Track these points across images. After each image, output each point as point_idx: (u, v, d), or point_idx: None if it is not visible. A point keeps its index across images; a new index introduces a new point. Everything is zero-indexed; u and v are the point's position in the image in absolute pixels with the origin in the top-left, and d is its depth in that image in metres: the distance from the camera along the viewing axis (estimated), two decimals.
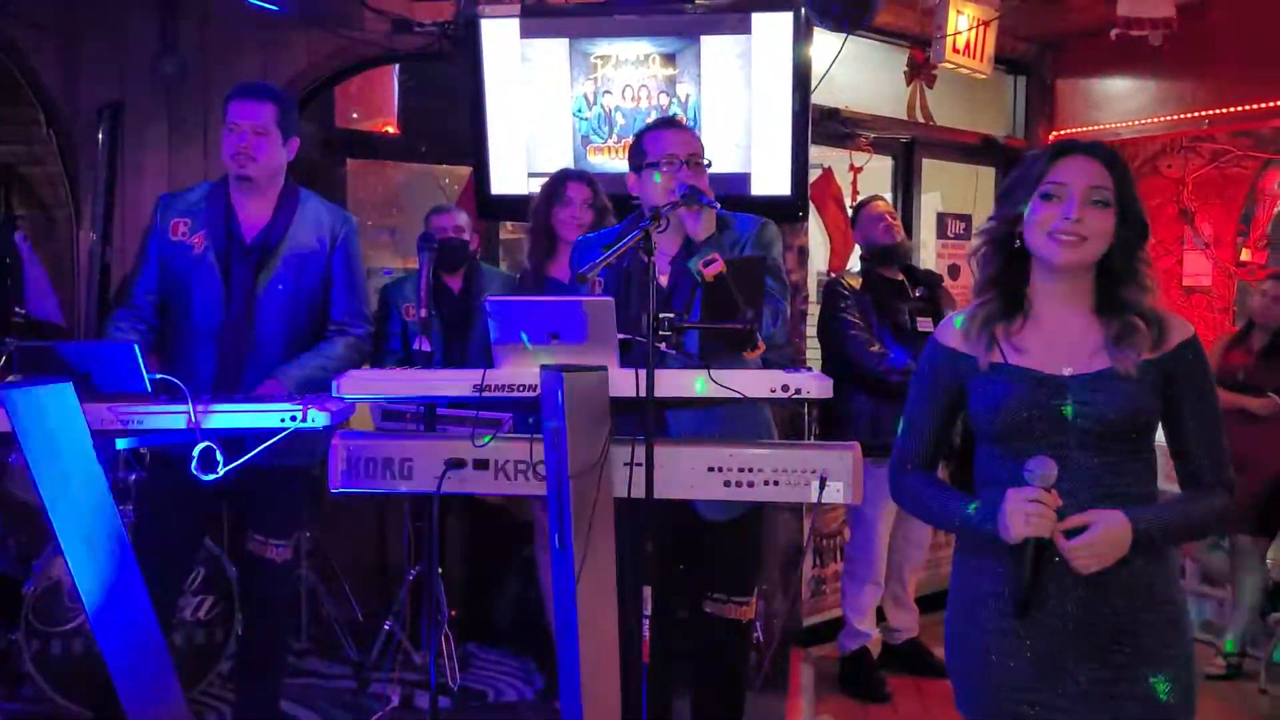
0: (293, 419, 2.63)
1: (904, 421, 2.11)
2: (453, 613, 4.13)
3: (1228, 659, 4.42)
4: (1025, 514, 1.79)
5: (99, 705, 3.01)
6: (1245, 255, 6.13)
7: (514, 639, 4.46)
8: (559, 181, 3.76)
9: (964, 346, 1.97)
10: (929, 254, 5.66)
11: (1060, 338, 1.90)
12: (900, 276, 4.31)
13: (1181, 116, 5.27)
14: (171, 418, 2.61)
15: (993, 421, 1.91)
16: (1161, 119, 5.36)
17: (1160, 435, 1.93)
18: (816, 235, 4.96)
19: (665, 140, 2.84)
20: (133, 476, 3.63)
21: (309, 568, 4.31)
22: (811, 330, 4.57)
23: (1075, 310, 1.91)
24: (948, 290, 4.49)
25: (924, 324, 4.17)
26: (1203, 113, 5.19)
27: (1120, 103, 5.56)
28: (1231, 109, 5.05)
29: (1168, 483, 1.96)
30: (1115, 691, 1.86)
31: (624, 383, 2.28)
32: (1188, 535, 2.00)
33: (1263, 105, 4.95)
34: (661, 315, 2.25)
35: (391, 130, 5.70)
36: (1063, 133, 5.69)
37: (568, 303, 2.36)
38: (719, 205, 2.67)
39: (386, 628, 4.11)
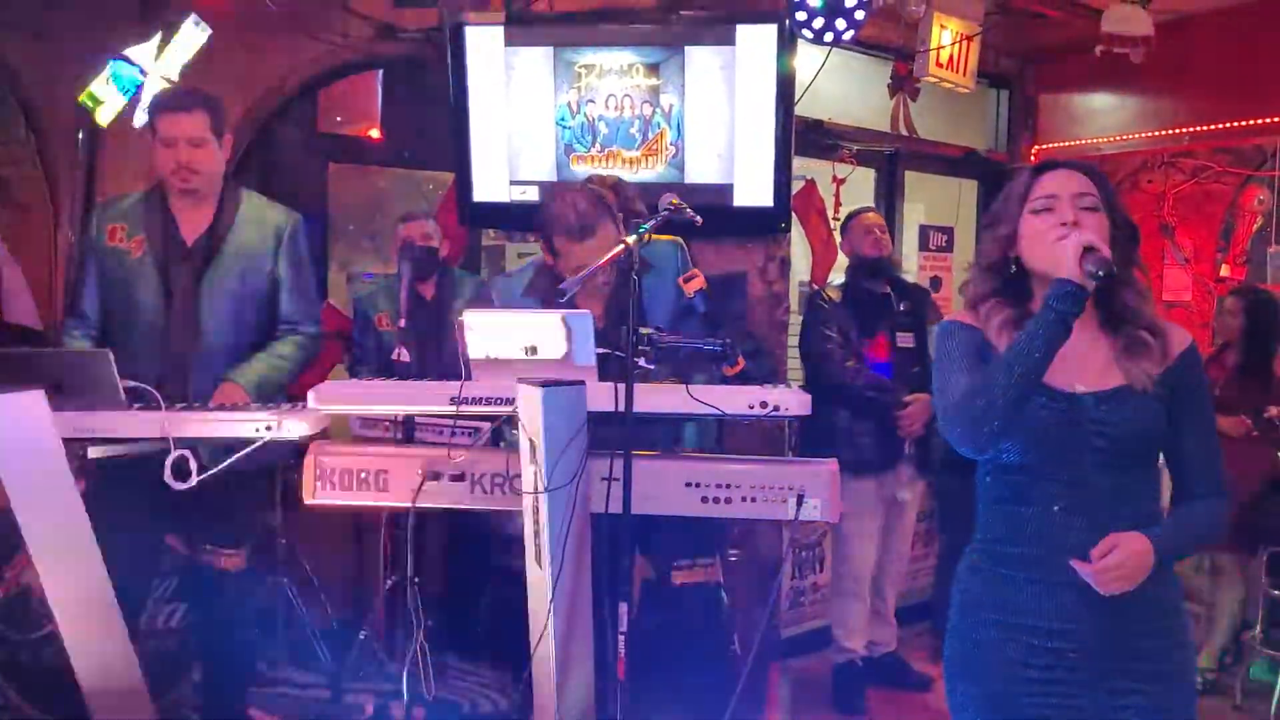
0: (268, 429, 2.61)
1: (941, 377, 1.95)
2: (429, 623, 4.10)
3: (1204, 675, 4.42)
4: (1075, 239, 1.79)
5: (68, 714, 2.97)
6: (1225, 271, 6.18)
7: (491, 650, 4.42)
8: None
9: (985, 332, 1.95)
10: (911, 266, 5.67)
11: (1069, 353, 1.84)
12: (886, 289, 4.26)
13: (1162, 133, 5.30)
14: (144, 426, 2.57)
15: (1018, 439, 1.87)
16: (1142, 135, 5.38)
17: None
18: (799, 246, 4.96)
19: None
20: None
21: (283, 575, 4.27)
22: (794, 341, 4.56)
23: (1080, 325, 1.85)
24: (936, 304, 4.47)
25: (904, 339, 4.15)
26: (1183, 129, 5.22)
27: (1102, 118, 5.59)
28: (1211, 126, 5.08)
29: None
30: (1122, 715, 1.85)
31: (603, 397, 2.26)
32: (1196, 546, 2.02)
33: (1242, 123, 4.98)
34: (641, 330, 2.24)
35: (375, 136, 5.67)
36: (1045, 147, 5.71)
37: (547, 316, 2.34)
38: (699, 220, 2.65)
39: (362, 637, 4.07)
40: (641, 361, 2.27)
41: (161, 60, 4.05)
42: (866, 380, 4.05)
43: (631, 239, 2.32)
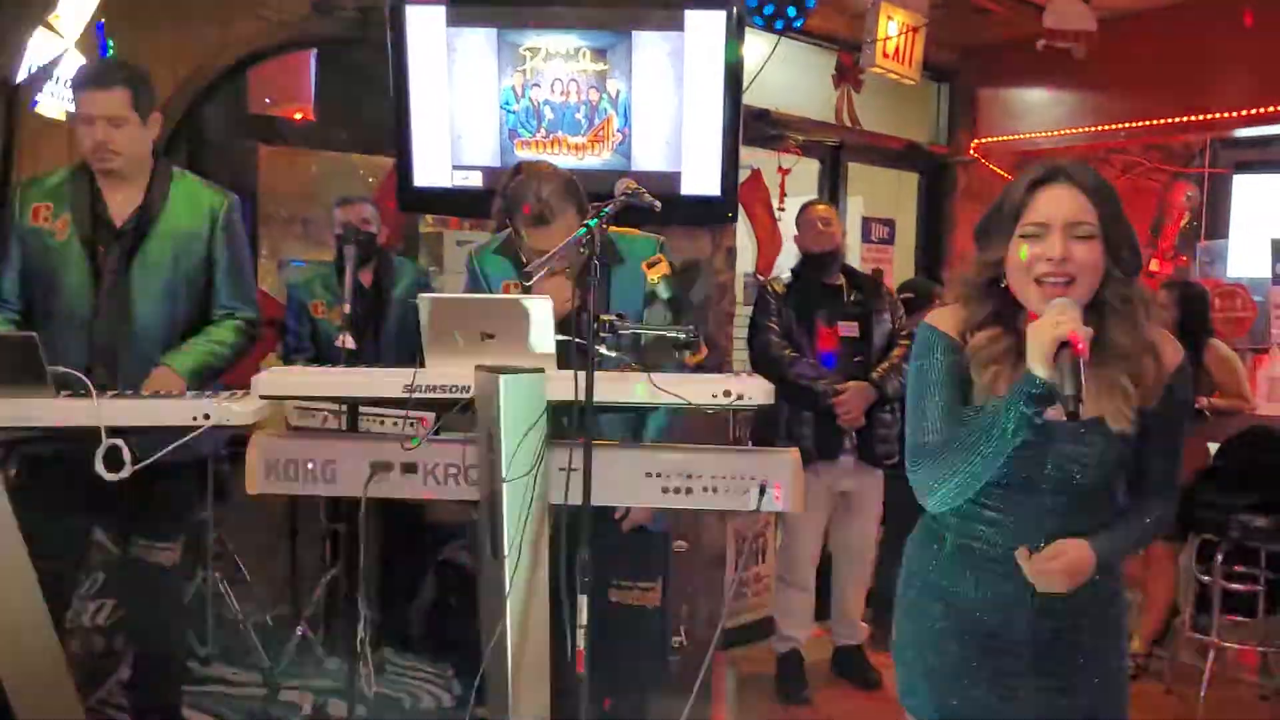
0: (206, 417, 2.49)
1: (915, 408, 1.87)
2: (366, 613, 4.00)
3: (1135, 659, 4.50)
4: (1053, 321, 1.66)
5: None
6: (1154, 266, 6.31)
7: (430, 645, 4.34)
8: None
9: (968, 357, 1.84)
10: (853, 257, 5.67)
11: None
12: (838, 280, 4.24)
13: (1099, 128, 5.38)
14: (74, 414, 2.45)
15: None
16: (1079, 130, 5.46)
17: None
18: (744, 237, 4.94)
19: None
20: None
21: (214, 568, 4.14)
22: (740, 332, 4.53)
23: None
24: (890, 294, 4.40)
25: (847, 329, 4.13)
26: (1119, 125, 5.30)
27: (1039, 113, 5.65)
28: (1147, 122, 5.17)
29: None
30: (1058, 700, 1.88)
31: (562, 386, 2.20)
32: (1139, 547, 2.01)
33: (1177, 120, 5.07)
34: (603, 317, 2.18)
35: (308, 117, 5.52)
36: (983, 141, 5.76)
37: (506, 301, 2.27)
38: (658, 205, 2.59)
39: (299, 633, 3.96)
40: (603, 349, 2.20)
41: (62, 22, 3.85)
42: (799, 370, 4.03)
43: (593, 223, 2.24)
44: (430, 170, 4.30)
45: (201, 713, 3.71)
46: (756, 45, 4.51)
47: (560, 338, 2.25)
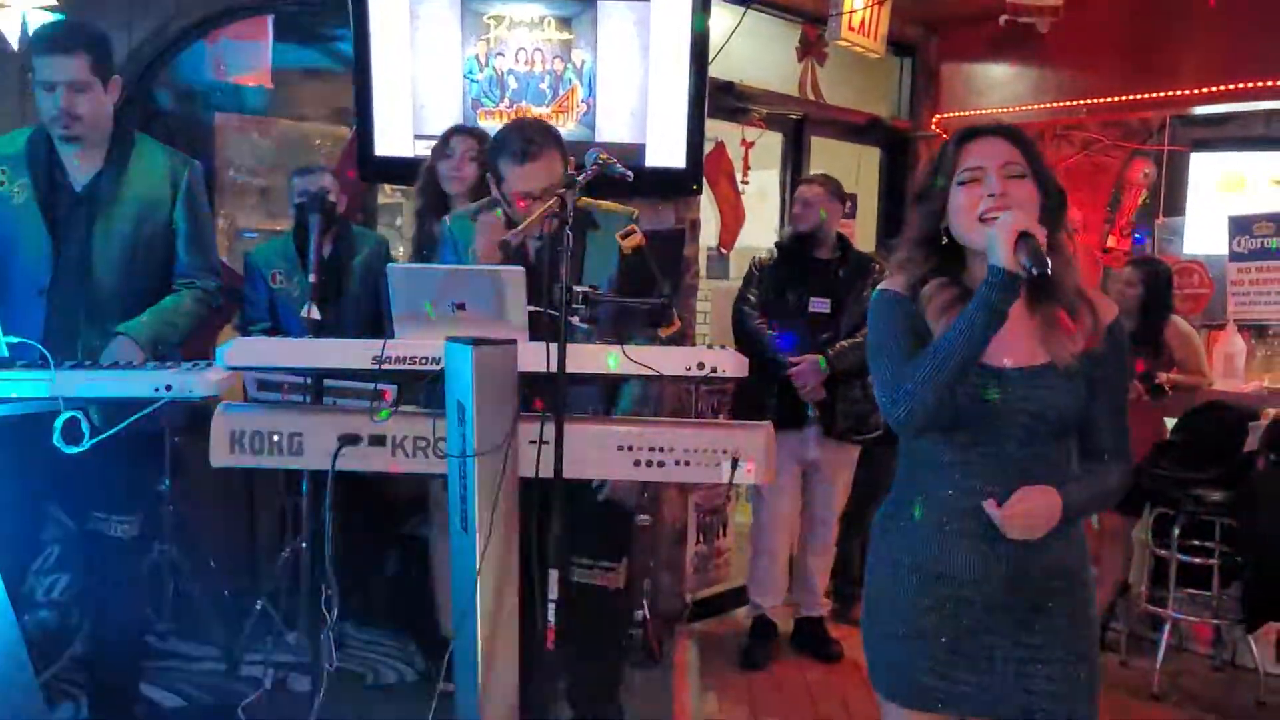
0: (168, 388, 2.43)
1: (878, 361, 1.94)
2: (329, 592, 3.95)
3: None
4: (1009, 223, 1.77)
5: None
6: (1111, 242, 6.37)
7: (390, 618, 4.30)
8: (445, 136, 3.61)
9: (920, 307, 1.92)
10: None
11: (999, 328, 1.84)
12: (826, 257, 4.24)
13: (1060, 104, 5.39)
14: (31, 385, 2.38)
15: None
16: (1041, 105, 5.47)
17: None
18: (707, 209, 4.91)
19: None
20: None
21: (170, 541, 4.07)
22: (702, 305, 4.52)
23: None
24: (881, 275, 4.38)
25: (818, 304, 4.14)
26: (1080, 101, 5.32)
27: (1002, 88, 5.66)
28: (1109, 99, 5.19)
29: None
30: (1029, 670, 1.90)
31: (534, 357, 2.17)
32: (1101, 506, 2.05)
33: (1138, 96, 5.10)
34: (576, 288, 2.15)
35: (264, 85, 5.40)
36: (945, 116, 5.77)
37: (477, 272, 2.24)
38: (630, 174, 2.56)
39: (259, 607, 3.91)
40: (576, 320, 2.17)
41: None
42: (765, 341, 4.08)
43: (565, 191, 2.21)
44: (392, 140, 4.25)
45: (160, 688, 3.66)
46: (722, 17, 4.47)
47: (532, 309, 2.22)
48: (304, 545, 3.79)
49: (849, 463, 4.32)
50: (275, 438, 2.32)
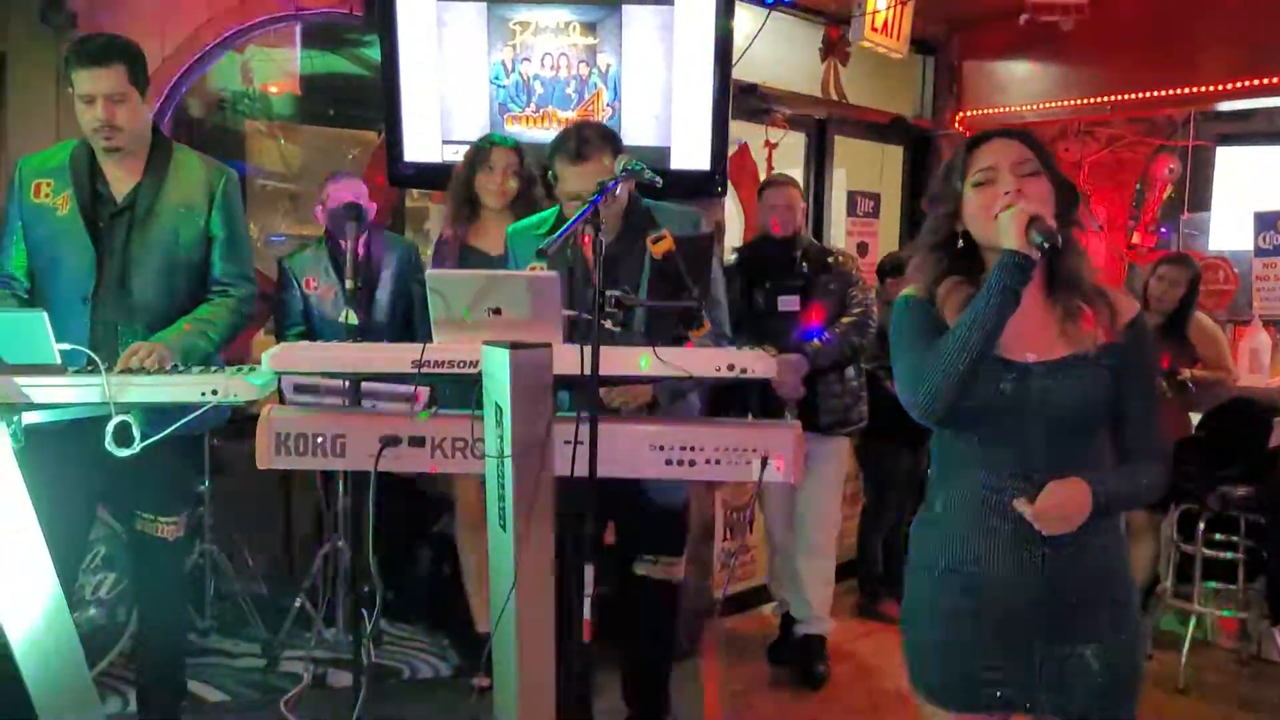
0: (214, 393, 2.51)
1: (903, 359, 1.97)
2: (365, 589, 4.04)
3: None
4: (1020, 209, 1.82)
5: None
6: (1136, 238, 6.37)
7: (427, 615, 4.39)
8: (483, 147, 3.67)
9: (941, 309, 1.97)
10: (838, 231, 5.73)
11: (1020, 322, 1.89)
12: (794, 256, 4.12)
13: (1084, 101, 5.41)
14: (84, 390, 2.46)
15: (963, 402, 1.90)
16: (1065, 103, 5.49)
17: None
18: (731, 210, 4.97)
19: None
20: None
21: (210, 541, 4.17)
22: None
23: (1029, 293, 1.89)
24: (843, 271, 4.16)
25: (787, 303, 4.07)
26: (1104, 98, 5.33)
27: (1025, 85, 5.68)
28: (1133, 95, 5.20)
29: None
30: (1070, 668, 1.91)
31: (568, 360, 2.23)
32: (1135, 503, 2.01)
33: (1162, 92, 5.10)
34: (608, 292, 2.21)
35: (293, 92, 5.50)
36: (969, 114, 5.80)
37: (513, 277, 2.30)
38: (660, 180, 2.62)
39: (298, 604, 4.00)
40: (608, 324, 2.24)
41: None
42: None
43: (596, 200, 2.27)
44: (421, 145, 4.31)
45: (204, 683, 3.76)
46: (745, 19, 4.52)
47: (567, 313, 2.28)
48: (340, 543, 3.92)
49: (835, 455, 4.20)
50: (319, 439, 2.40)
